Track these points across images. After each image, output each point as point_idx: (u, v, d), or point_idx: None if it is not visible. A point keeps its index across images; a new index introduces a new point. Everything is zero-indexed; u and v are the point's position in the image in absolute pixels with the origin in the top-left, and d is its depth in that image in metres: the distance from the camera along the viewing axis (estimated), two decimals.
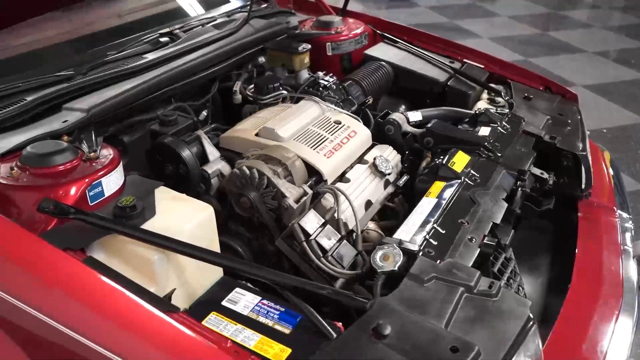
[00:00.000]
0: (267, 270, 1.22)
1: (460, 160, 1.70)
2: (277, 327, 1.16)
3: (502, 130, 1.90)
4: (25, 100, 1.58)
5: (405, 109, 2.29)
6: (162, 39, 2.07)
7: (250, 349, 1.10)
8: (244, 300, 1.23)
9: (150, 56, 1.91)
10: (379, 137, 1.90)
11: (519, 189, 1.61)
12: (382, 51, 2.39)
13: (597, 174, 2.01)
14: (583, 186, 1.89)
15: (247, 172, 1.50)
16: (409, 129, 1.90)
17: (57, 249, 1.13)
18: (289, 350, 1.10)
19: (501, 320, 1.16)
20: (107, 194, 1.36)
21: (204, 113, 2.05)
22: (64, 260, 1.11)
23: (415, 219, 1.45)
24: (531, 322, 1.17)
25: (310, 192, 1.54)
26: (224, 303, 1.22)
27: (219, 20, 2.35)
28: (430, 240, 1.37)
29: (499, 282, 1.23)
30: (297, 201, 1.49)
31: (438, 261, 1.29)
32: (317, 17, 2.49)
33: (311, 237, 1.39)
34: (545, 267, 1.82)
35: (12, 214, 1.27)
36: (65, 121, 1.53)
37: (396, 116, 1.90)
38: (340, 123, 1.80)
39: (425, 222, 1.43)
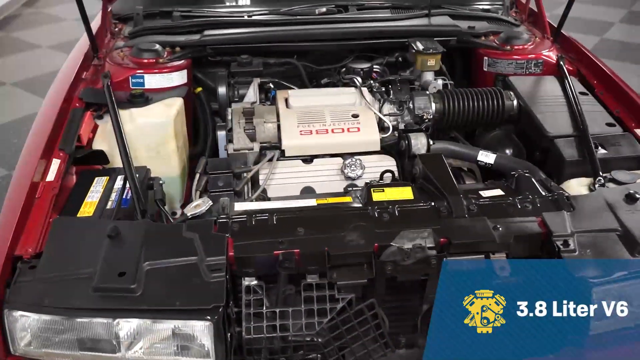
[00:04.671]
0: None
1: (394, 194, 1.51)
2: (114, 204, 1.56)
3: (510, 204, 1.50)
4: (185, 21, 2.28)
5: (511, 153, 1.95)
6: (333, 9, 2.40)
7: (82, 201, 1.56)
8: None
9: (299, 17, 2.29)
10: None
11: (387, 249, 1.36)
12: (531, 85, 2.02)
13: None
14: None
15: (227, 113, 1.83)
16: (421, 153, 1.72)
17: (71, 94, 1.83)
18: (93, 216, 1.51)
19: (188, 293, 1.25)
20: (147, 86, 1.97)
21: (326, 80, 2.32)
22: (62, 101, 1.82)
23: (268, 204, 1.50)
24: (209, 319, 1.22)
25: (257, 150, 1.74)
26: (118, 176, 1.68)
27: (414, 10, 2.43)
28: (252, 222, 1.42)
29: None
30: (237, 150, 1.74)
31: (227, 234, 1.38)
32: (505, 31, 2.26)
33: (208, 174, 1.66)
34: None
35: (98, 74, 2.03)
36: (187, 38, 2.16)
37: (414, 136, 1.75)
38: (357, 117, 1.82)
39: (268, 211, 1.45)
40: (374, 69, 2.12)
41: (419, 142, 1.75)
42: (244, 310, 1.33)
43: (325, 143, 1.77)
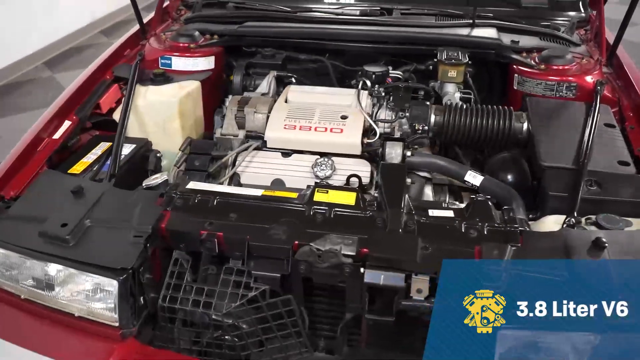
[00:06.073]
0: None
1: (336, 197, 1.49)
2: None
3: (454, 227, 1.41)
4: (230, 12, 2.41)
5: (512, 177, 1.81)
6: (377, 11, 2.37)
7: (79, 160, 1.77)
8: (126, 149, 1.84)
9: (339, 16, 2.31)
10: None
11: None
12: (553, 108, 1.83)
13: None
14: None
15: (226, 100, 1.93)
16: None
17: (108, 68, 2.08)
18: (77, 174, 1.71)
19: (109, 253, 1.38)
20: (174, 67, 2.14)
21: (355, 80, 2.32)
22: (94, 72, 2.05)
23: (219, 187, 1.57)
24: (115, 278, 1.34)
25: (241, 137, 1.83)
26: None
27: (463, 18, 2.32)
28: (195, 200, 1.50)
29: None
30: (224, 135, 1.84)
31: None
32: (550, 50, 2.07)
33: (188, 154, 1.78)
34: None
35: None
36: (225, 28, 2.29)
37: (390, 145, 1.70)
38: (345, 118, 1.81)
39: (213, 193, 1.52)
40: (391, 74, 2.07)
41: (394, 152, 1.69)
42: (167, 279, 1.43)
43: (306, 140, 1.79)
